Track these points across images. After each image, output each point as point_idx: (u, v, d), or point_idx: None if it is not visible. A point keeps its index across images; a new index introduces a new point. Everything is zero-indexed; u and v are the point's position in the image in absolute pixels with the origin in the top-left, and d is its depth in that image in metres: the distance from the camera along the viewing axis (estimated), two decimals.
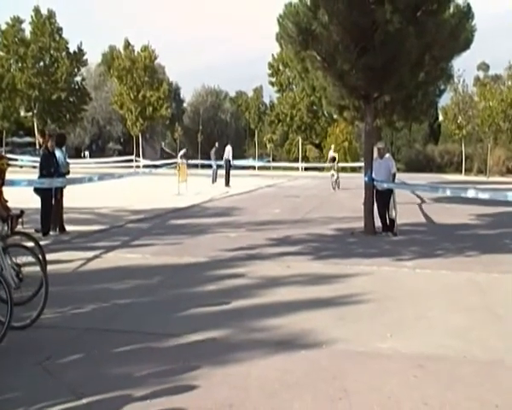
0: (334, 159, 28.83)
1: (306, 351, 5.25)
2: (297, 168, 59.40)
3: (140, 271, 8.72)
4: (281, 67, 68.52)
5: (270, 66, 69.58)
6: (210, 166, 31.30)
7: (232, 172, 29.18)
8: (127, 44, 57.04)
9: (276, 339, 5.57)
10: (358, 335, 5.74)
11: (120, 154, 61.09)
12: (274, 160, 65.55)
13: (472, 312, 6.67)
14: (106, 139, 75.21)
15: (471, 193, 11.44)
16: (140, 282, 8.00)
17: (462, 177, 54.93)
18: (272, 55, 67.22)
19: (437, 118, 71.12)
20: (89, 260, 9.35)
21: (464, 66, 50.29)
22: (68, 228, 12.31)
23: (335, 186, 27.48)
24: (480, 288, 7.99)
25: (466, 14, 12.82)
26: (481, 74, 66.58)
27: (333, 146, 33.59)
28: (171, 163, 30.30)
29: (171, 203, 18.64)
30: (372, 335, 5.74)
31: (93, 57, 68.45)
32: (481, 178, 52.88)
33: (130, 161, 47.31)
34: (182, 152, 26.19)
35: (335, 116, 19.09)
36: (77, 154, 59.64)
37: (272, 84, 70.43)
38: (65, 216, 12.43)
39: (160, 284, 7.93)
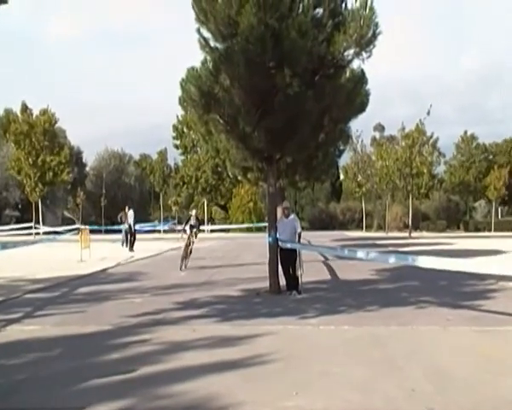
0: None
1: None
2: (203, 230, 59.41)
3: (40, 343, 8.33)
4: (185, 130, 68.87)
5: (175, 128, 69.87)
6: (114, 232, 30.77)
7: (137, 235, 28.77)
8: (24, 108, 55.40)
9: (182, 405, 5.48)
10: (264, 395, 5.77)
11: (18, 221, 58.57)
12: (180, 222, 65.21)
13: (373, 365, 6.88)
14: (2, 206, 72.10)
15: (360, 254, 11.91)
16: (40, 355, 7.64)
17: (362, 233, 56.97)
18: (177, 117, 67.54)
19: (338, 177, 73.78)
20: None
21: (362, 127, 52.67)
22: None
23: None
24: (381, 341, 8.26)
25: (360, 78, 13.57)
26: (378, 135, 69.86)
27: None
28: (74, 229, 29.51)
29: (73, 271, 18.04)
30: (278, 394, 5.77)
31: None
32: (381, 233, 55.14)
33: (30, 228, 45.53)
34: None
35: (240, 178, 19.33)
36: None
37: (177, 146, 70.52)
38: None
39: (62, 356, 7.61)
